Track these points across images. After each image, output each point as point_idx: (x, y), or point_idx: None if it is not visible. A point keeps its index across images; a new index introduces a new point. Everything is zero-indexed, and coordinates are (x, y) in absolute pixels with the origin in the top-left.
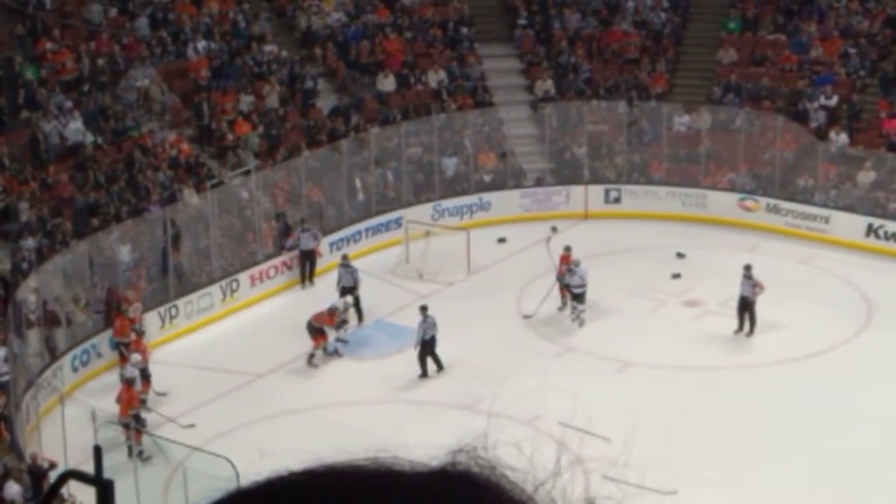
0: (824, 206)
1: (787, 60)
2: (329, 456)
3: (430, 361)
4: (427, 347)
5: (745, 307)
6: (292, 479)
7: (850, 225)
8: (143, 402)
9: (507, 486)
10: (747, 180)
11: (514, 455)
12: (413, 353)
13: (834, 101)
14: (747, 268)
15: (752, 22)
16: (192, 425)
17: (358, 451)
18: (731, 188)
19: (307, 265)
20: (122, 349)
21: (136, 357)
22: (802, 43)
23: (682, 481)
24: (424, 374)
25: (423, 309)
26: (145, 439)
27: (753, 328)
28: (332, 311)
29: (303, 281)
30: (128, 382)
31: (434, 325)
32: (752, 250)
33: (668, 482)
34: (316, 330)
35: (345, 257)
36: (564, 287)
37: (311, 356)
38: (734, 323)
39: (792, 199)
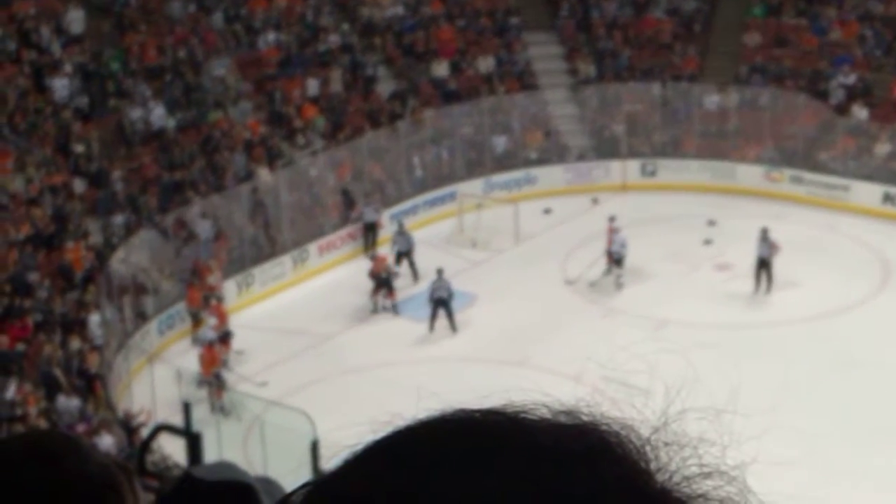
0: (844, 176)
1: (809, 43)
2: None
3: (444, 321)
4: (437, 306)
5: (763, 268)
6: (449, 419)
7: (868, 193)
8: (224, 362)
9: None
10: (773, 154)
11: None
12: (470, 312)
13: (852, 79)
14: (764, 231)
15: (776, 7)
16: (265, 382)
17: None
18: (758, 161)
19: (370, 236)
20: (202, 314)
21: (212, 320)
22: (822, 26)
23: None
24: (431, 328)
25: (439, 271)
26: (225, 395)
27: (771, 286)
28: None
29: (366, 250)
30: (209, 344)
31: (445, 287)
32: (778, 218)
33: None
34: (379, 280)
35: (400, 224)
36: (608, 254)
37: (375, 305)
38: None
39: (814, 170)
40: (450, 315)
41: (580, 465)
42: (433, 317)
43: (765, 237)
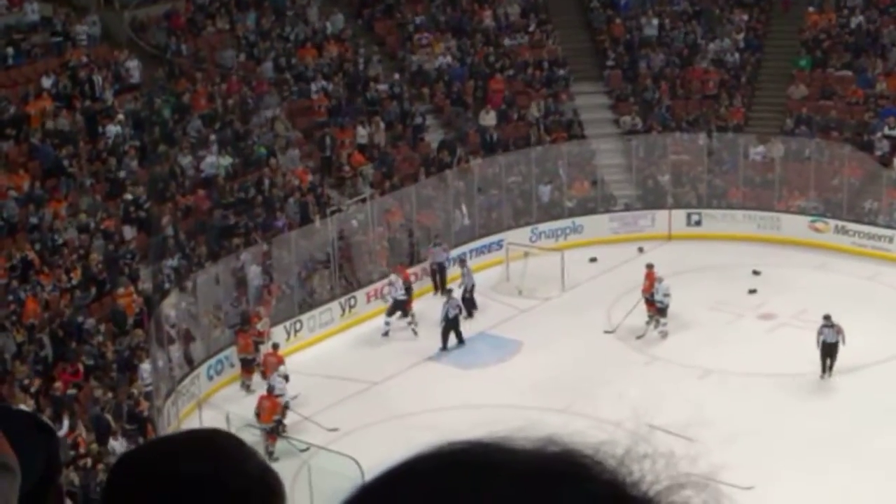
0: (888, 227)
1: (854, 94)
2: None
3: (452, 337)
4: (450, 324)
5: (828, 352)
6: (425, 459)
7: None
8: (285, 406)
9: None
10: (817, 204)
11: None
12: (515, 360)
13: None
14: (827, 317)
15: (822, 60)
16: (335, 429)
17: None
18: (803, 211)
19: (438, 276)
20: (256, 365)
21: (282, 368)
22: (868, 78)
23: (759, 478)
24: (444, 348)
25: (449, 292)
26: (279, 442)
27: (832, 370)
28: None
29: (436, 289)
30: (269, 392)
31: (457, 305)
32: (822, 268)
33: (746, 479)
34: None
35: (463, 261)
36: (649, 302)
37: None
38: (806, 335)
39: (858, 221)
40: (458, 331)
41: (565, 482)
42: (445, 334)
43: (829, 323)
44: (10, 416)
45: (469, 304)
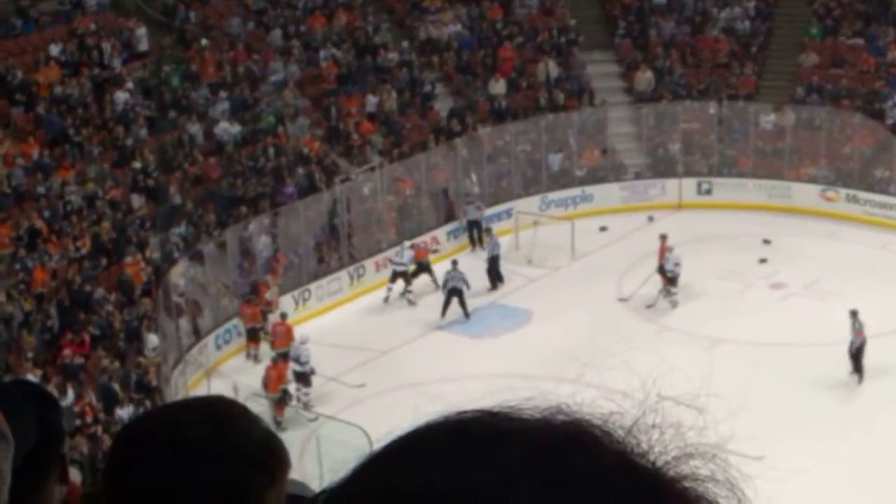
0: None
1: (865, 63)
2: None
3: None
4: (451, 295)
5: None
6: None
7: None
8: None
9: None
10: (828, 173)
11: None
12: (525, 329)
13: None
14: (853, 314)
15: (833, 28)
16: (363, 385)
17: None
18: (814, 180)
19: (475, 232)
20: (263, 334)
21: (304, 335)
22: (879, 47)
23: (770, 448)
24: (443, 315)
25: (454, 262)
26: (287, 411)
27: (861, 376)
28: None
29: (473, 244)
30: (274, 360)
31: (461, 279)
32: (833, 237)
33: (755, 448)
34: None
35: (489, 229)
36: (660, 272)
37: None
38: (816, 304)
39: (870, 189)
40: (463, 304)
41: (574, 452)
42: (446, 304)
43: (853, 317)
44: (4, 386)
45: (492, 275)
